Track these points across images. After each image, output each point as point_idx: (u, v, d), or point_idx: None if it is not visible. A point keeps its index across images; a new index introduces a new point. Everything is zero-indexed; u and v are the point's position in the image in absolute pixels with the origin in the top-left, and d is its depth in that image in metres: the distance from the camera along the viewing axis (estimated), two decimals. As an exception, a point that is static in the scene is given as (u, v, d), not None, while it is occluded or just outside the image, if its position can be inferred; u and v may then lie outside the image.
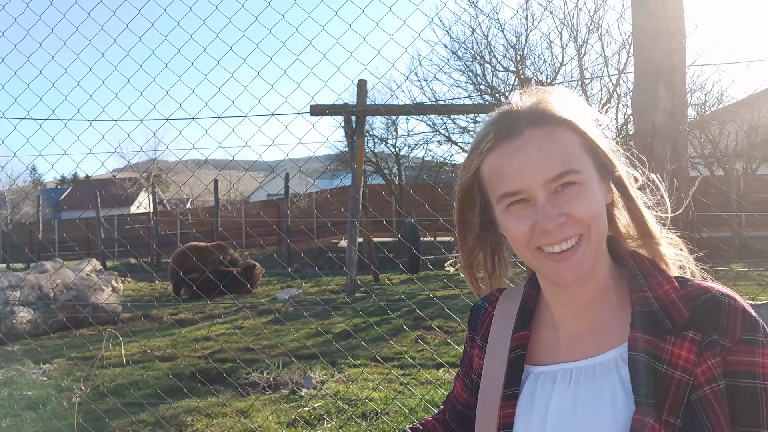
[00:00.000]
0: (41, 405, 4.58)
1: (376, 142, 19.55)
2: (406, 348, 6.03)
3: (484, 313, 1.15)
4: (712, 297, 0.90)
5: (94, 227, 20.08)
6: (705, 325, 0.88)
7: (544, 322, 1.06)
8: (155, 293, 12.23)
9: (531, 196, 0.91)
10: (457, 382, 1.22)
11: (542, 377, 0.99)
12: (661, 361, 0.87)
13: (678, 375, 0.86)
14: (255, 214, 20.63)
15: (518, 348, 1.03)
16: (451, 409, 1.23)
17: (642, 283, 0.96)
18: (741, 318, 0.88)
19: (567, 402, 0.94)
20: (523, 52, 16.48)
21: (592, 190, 0.92)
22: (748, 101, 14.93)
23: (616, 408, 0.89)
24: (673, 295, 0.93)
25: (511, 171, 0.92)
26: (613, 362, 0.93)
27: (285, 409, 4.32)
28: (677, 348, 0.88)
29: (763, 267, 10.81)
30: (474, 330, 1.17)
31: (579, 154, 0.93)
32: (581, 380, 0.95)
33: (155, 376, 5.30)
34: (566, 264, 0.92)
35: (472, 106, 13.20)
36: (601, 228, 0.93)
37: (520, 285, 1.14)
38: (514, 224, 0.94)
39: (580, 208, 0.90)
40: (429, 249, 14.57)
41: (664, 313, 0.91)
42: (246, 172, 3.97)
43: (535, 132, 0.92)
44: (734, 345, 0.87)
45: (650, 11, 2.73)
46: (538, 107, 0.95)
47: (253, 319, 8.28)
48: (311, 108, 6.50)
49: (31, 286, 7.83)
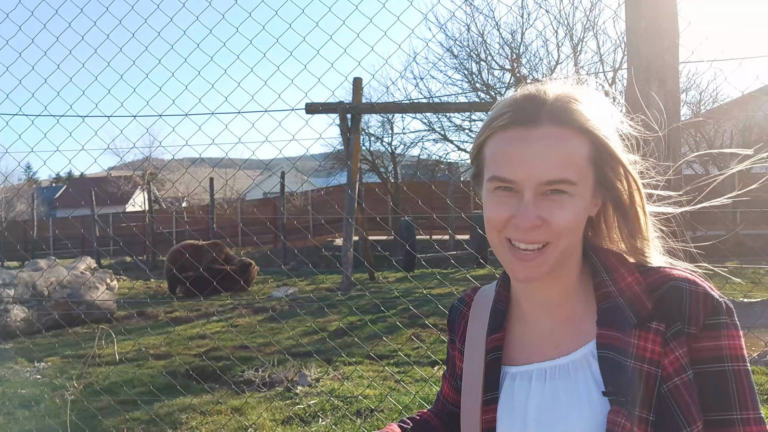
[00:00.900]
0: (35, 403, 4.57)
1: (371, 140, 19.54)
2: (401, 345, 6.03)
3: (460, 315, 1.16)
4: (674, 285, 0.90)
5: (89, 225, 20.02)
6: (669, 315, 0.88)
7: (517, 321, 1.06)
8: (150, 291, 12.21)
9: (520, 189, 0.90)
10: (445, 382, 1.23)
11: (518, 377, 1.00)
12: (628, 356, 0.88)
13: (646, 368, 0.87)
14: (250, 212, 20.61)
15: (494, 350, 1.03)
16: (441, 409, 1.24)
17: (605, 277, 0.96)
18: (703, 303, 0.88)
19: (544, 401, 0.95)
20: (519, 50, 16.49)
21: (578, 205, 0.91)
22: (742, 100, 14.98)
23: (592, 404, 0.89)
24: (636, 287, 0.93)
25: (512, 158, 0.90)
26: (584, 359, 0.94)
27: (280, 407, 4.31)
28: (642, 341, 0.88)
29: (757, 265, 10.87)
30: (453, 332, 1.18)
31: (583, 167, 0.91)
32: (556, 378, 0.95)
33: (150, 374, 5.29)
34: (524, 264, 0.92)
35: (468, 104, 13.21)
36: (571, 241, 0.93)
37: (493, 284, 1.14)
38: (494, 208, 0.94)
39: (558, 218, 0.89)
40: (424, 247, 14.58)
41: (629, 307, 0.91)
42: (240, 168, 3.96)
43: (551, 130, 0.89)
44: (700, 332, 0.87)
45: (643, 9, 2.73)
46: (564, 105, 0.91)
47: (248, 317, 8.27)
48: (306, 106, 6.49)
49: (25, 284, 7.81)
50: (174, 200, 28.59)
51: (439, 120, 17.60)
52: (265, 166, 4.17)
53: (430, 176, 20.85)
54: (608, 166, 0.93)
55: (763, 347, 5.08)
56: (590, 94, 0.95)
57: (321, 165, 19.21)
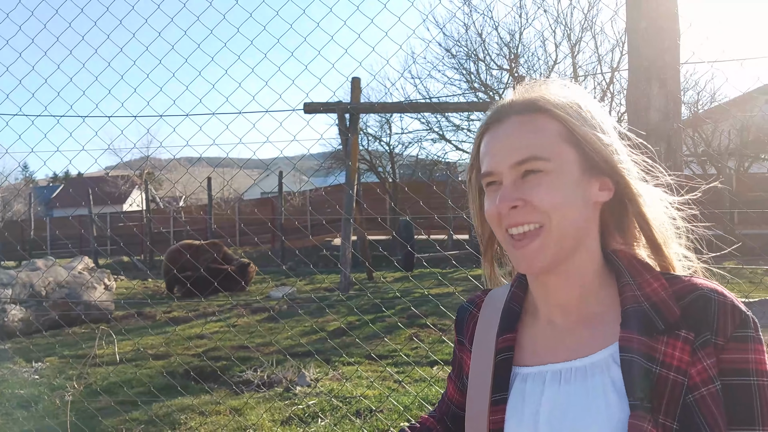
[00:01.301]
0: (33, 403, 4.56)
1: (370, 140, 19.53)
2: (400, 346, 6.03)
3: (469, 316, 1.15)
4: (702, 294, 0.89)
5: (87, 225, 19.99)
6: (697, 324, 0.87)
7: (531, 323, 1.04)
8: (148, 291, 12.19)
9: (500, 179, 0.94)
10: (450, 383, 1.22)
11: (530, 378, 0.98)
12: (655, 362, 0.86)
13: (672, 376, 0.85)
14: (249, 212, 20.60)
15: (504, 351, 1.02)
16: (446, 411, 1.22)
17: (629, 281, 0.95)
18: (731, 315, 0.87)
19: (559, 403, 0.92)
20: (517, 50, 16.50)
21: (559, 181, 0.91)
22: (741, 100, 15.01)
23: (610, 410, 0.87)
24: (663, 293, 0.92)
25: (490, 153, 0.96)
26: (603, 363, 0.91)
27: (279, 407, 4.31)
28: (670, 348, 0.87)
29: (756, 265, 10.88)
30: (461, 333, 1.16)
31: (554, 143, 0.93)
32: (572, 381, 0.93)
33: (148, 374, 5.29)
34: (522, 251, 0.93)
35: (466, 104, 13.20)
36: (564, 221, 0.92)
37: (506, 286, 1.13)
38: (487, 204, 0.98)
39: (537, 196, 0.91)
40: (423, 247, 14.59)
41: (655, 312, 0.90)
42: (240, 168, 3.95)
43: (516, 119, 0.95)
44: (726, 343, 0.86)
45: (643, 9, 2.73)
46: (527, 96, 0.97)
47: (247, 317, 8.27)
48: (305, 106, 6.48)
49: (23, 284, 7.79)
50: (172, 200, 28.56)
51: (438, 120, 17.61)
52: (265, 167, 4.16)
53: (428, 176, 20.85)
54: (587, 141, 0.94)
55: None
56: (554, 83, 0.99)
57: (320, 165, 19.21)
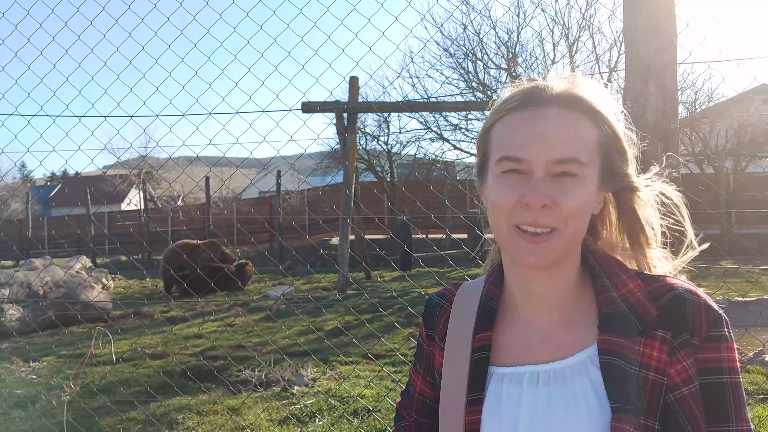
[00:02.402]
0: (30, 403, 4.55)
1: (368, 140, 19.52)
2: (397, 345, 6.03)
3: (440, 310, 1.11)
4: (678, 295, 0.90)
5: (84, 224, 19.96)
6: (675, 324, 0.88)
7: (509, 321, 1.02)
8: (146, 291, 12.18)
9: (530, 169, 0.89)
10: (417, 378, 1.17)
11: (507, 379, 0.96)
12: (634, 363, 0.86)
13: (652, 376, 0.86)
14: (247, 212, 20.58)
15: (481, 350, 0.99)
16: (418, 407, 1.17)
17: (606, 282, 0.95)
18: (706, 315, 0.88)
19: (538, 406, 0.91)
20: (515, 50, 16.51)
21: (586, 190, 0.90)
22: (738, 99, 15.04)
23: (591, 413, 0.87)
24: (639, 294, 0.92)
25: (524, 136, 0.90)
26: (582, 365, 0.91)
27: (276, 407, 4.31)
28: (648, 348, 0.87)
29: (752, 264, 10.91)
30: (430, 327, 1.12)
31: (592, 150, 0.91)
32: (551, 383, 0.92)
33: (146, 374, 5.28)
34: (534, 246, 0.90)
35: (464, 104, 13.22)
36: (578, 229, 0.92)
37: (478, 281, 1.11)
38: (503, 191, 0.91)
39: (568, 201, 0.88)
40: (421, 246, 14.59)
41: (632, 313, 0.90)
42: (237, 168, 3.95)
43: (562, 111, 0.90)
44: (702, 343, 0.87)
45: (641, 9, 2.73)
46: (572, 91, 0.93)
47: (245, 316, 8.26)
48: (303, 105, 6.47)
49: (20, 283, 7.78)
50: (170, 199, 28.51)
51: (436, 120, 17.61)
52: (262, 167, 4.16)
53: (426, 175, 20.85)
54: (615, 155, 0.94)
55: (759, 346, 5.10)
56: (592, 82, 0.97)
57: (318, 165, 19.20)
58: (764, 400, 4.11)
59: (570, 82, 0.94)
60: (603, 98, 0.95)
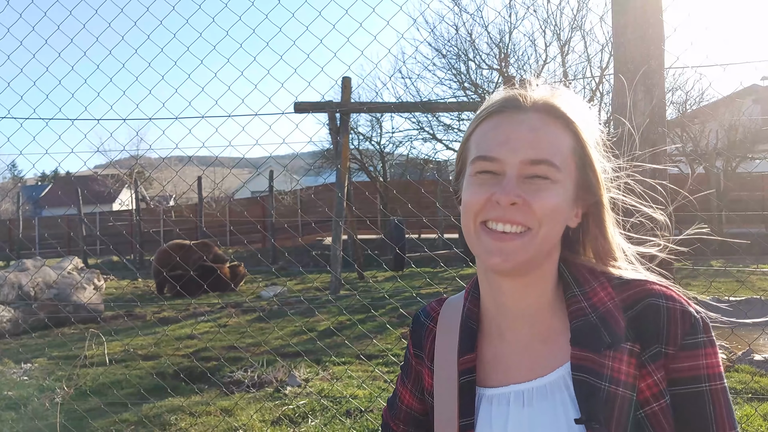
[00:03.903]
0: (22, 405, 4.54)
1: (360, 140, 19.53)
2: (390, 346, 6.06)
3: (426, 331, 1.10)
4: (650, 304, 0.88)
5: (76, 225, 19.86)
6: (645, 336, 0.87)
7: (490, 339, 1.01)
8: (138, 291, 12.14)
9: (502, 170, 0.89)
10: (405, 392, 1.16)
11: (495, 400, 0.96)
12: (603, 379, 0.86)
13: (621, 392, 0.85)
14: (239, 212, 20.54)
15: (466, 372, 0.99)
16: (406, 419, 1.17)
17: (576, 292, 0.94)
18: (681, 322, 0.86)
19: (524, 425, 0.91)
20: (507, 50, 16.57)
21: (558, 194, 0.90)
22: (728, 100, 15.16)
23: (571, 429, 0.87)
24: (609, 303, 0.90)
25: (498, 138, 0.91)
26: (561, 381, 0.91)
27: (269, 408, 4.32)
28: (617, 362, 0.86)
29: (742, 264, 11.01)
30: (418, 347, 1.12)
31: (566, 157, 0.92)
32: (534, 402, 0.92)
33: (138, 375, 5.28)
34: (500, 245, 0.88)
35: (456, 104, 13.25)
36: (550, 233, 0.90)
37: (460, 294, 1.10)
38: (474, 190, 0.92)
39: (538, 201, 0.88)
40: (413, 246, 14.61)
41: (602, 325, 0.89)
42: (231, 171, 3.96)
43: (536, 116, 0.92)
44: (677, 352, 0.86)
45: (629, 15, 2.77)
46: (549, 99, 0.94)
47: (237, 317, 8.26)
48: (295, 105, 6.49)
49: (12, 284, 7.74)
50: (161, 198, 28.40)
51: (428, 120, 17.65)
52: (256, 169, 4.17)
53: (419, 175, 20.89)
54: (588, 168, 0.94)
55: (747, 346, 5.16)
56: (568, 92, 0.98)
57: (311, 165, 19.19)
58: (752, 399, 4.16)
59: (548, 92, 0.96)
60: (579, 109, 0.96)
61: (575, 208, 0.96)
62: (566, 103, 0.95)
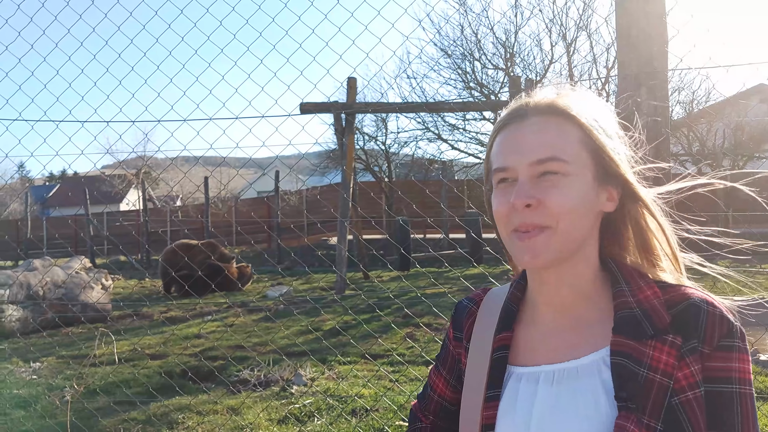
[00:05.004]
0: (32, 404, 4.59)
1: (366, 140, 19.55)
2: (395, 345, 6.09)
3: (468, 313, 1.16)
4: (692, 304, 0.93)
5: (83, 224, 19.98)
6: (685, 331, 0.91)
7: (529, 323, 1.06)
8: (145, 291, 12.21)
9: (515, 176, 0.96)
10: (439, 381, 1.21)
11: (525, 378, 1.00)
12: (643, 366, 0.90)
13: (658, 378, 0.89)
14: (245, 212, 20.60)
15: (500, 349, 1.04)
16: (436, 410, 1.22)
17: (624, 288, 0.98)
18: (719, 324, 0.90)
19: (550, 403, 0.95)
20: (513, 50, 16.57)
21: (574, 186, 0.94)
22: (734, 100, 15.10)
23: (599, 411, 0.90)
24: (654, 300, 0.95)
25: (507, 149, 0.98)
26: (595, 365, 0.94)
27: (275, 406, 4.36)
28: (657, 352, 0.90)
29: (749, 264, 10.96)
30: (458, 329, 1.16)
31: (574, 148, 0.95)
32: (563, 382, 0.96)
33: (146, 374, 5.32)
34: (525, 244, 0.95)
35: (461, 104, 13.26)
36: (573, 225, 0.95)
37: (506, 286, 1.15)
38: (498, 200, 0.99)
39: (553, 197, 0.93)
40: (419, 246, 14.63)
41: (646, 318, 0.93)
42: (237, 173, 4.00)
43: (537, 119, 0.97)
44: (712, 351, 0.90)
45: (632, 17, 2.79)
46: (548, 99, 0.99)
47: (244, 316, 8.30)
48: (301, 106, 6.52)
49: (20, 284, 7.81)
50: (168, 199, 28.52)
51: (434, 120, 17.65)
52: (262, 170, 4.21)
53: (424, 175, 20.87)
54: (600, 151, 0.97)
55: (751, 345, 5.16)
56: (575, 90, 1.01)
57: (316, 166, 19.23)
58: (757, 399, 4.17)
59: (550, 93, 1.01)
60: (580, 100, 0.99)
61: (603, 192, 0.99)
62: (566, 98, 0.99)
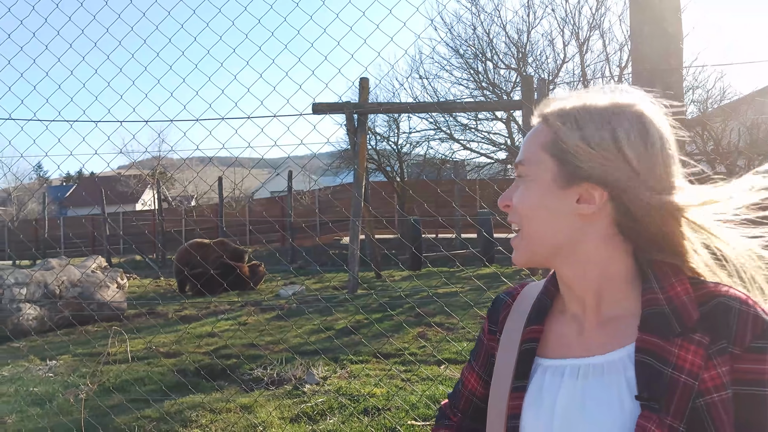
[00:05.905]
0: (47, 401, 4.65)
1: (378, 140, 19.57)
2: (407, 344, 6.08)
3: (504, 306, 1.16)
4: (723, 302, 0.89)
5: (99, 224, 20.19)
6: (715, 331, 0.88)
7: (559, 317, 1.07)
8: (160, 290, 12.31)
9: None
10: (471, 376, 1.21)
11: (550, 371, 1.00)
12: (668, 365, 0.87)
13: (684, 379, 0.86)
14: (258, 212, 20.71)
15: (529, 341, 1.05)
16: (466, 408, 1.21)
17: (653, 285, 0.95)
18: (751, 325, 0.86)
19: (575, 397, 0.95)
20: (525, 49, 16.49)
21: (532, 188, 0.97)
22: (750, 98, 14.91)
23: (623, 407, 0.89)
24: (684, 297, 0.92)
25: None
26: (620, 362, 0.93)
27: (288, 405, 4.37)
28: (684, 351, 0.87)
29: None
30: (494, 322, 1.17)
31: (536, 151, 0.98)
32: (589, 376, 0.95)
33: (160, 372, 5.37)
34: (513, 242, 1.03)
35: (474, 104, 13.22)
36: (539, 229, 0.98)
37: (543, 280, 1.15)
38: None
39: (516, 200, 1.00)
40: (431, 246, 14.62)
41: (674, 315, 0.90)
42: (250, 172, 4.02)
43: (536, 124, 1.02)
44: (743, 353, 0.86)
45: (646, 14, 2.76)
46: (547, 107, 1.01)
47: (257, 315, 8.34)
48: (313, 106, 6.54)
49: (37, 283, 7.91)
50: (183, 198, 28.76)
51: (446, 120, 17.62)
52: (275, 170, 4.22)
53: (436, 175, 20.84)
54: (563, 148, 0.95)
55: None
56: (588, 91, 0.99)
57: (329, 165, 19.28)
58: None
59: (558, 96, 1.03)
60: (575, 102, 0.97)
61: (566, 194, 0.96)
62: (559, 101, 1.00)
